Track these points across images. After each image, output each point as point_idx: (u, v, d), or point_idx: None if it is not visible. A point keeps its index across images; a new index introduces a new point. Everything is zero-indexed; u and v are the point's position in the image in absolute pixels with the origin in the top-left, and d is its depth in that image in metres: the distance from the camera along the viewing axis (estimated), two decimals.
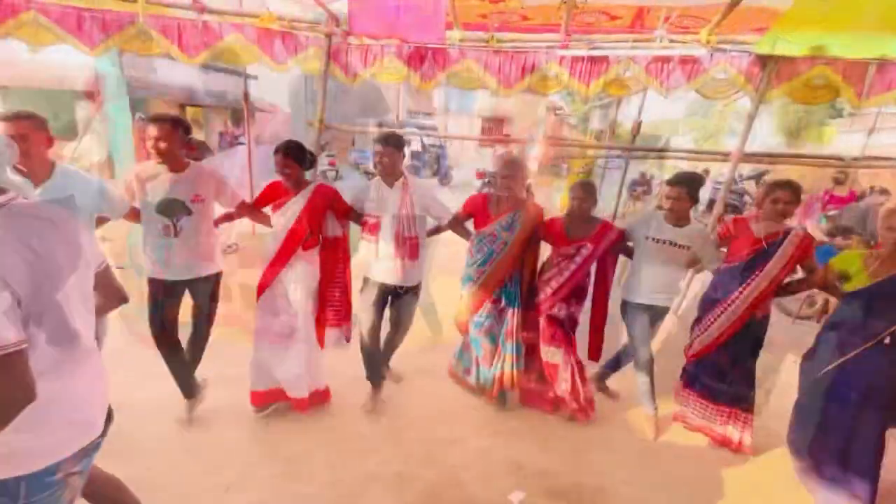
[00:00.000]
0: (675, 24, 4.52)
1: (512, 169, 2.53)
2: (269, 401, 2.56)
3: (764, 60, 3.85)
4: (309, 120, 5.03)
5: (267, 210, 2.56)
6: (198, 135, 20.33)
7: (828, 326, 2.13)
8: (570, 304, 2.64)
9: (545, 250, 2.81)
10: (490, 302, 2.66)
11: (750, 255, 2.30)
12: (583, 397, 2.66)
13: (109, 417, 1.28)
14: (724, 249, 2.49)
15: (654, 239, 2.49)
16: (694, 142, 32.80)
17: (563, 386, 2.62)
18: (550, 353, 2.65)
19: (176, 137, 2.20)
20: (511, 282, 2.65)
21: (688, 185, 2.42)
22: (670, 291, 2.63)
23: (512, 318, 2.65)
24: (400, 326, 2.76)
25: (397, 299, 2.65)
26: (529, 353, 2.75)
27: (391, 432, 2.49)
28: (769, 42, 3.57)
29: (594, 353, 2.78)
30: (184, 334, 2.48)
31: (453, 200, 3.01)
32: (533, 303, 2.69)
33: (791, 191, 2.25)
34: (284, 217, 2.44)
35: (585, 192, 2.55)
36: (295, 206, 2.43)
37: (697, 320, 2.50)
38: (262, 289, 2.47)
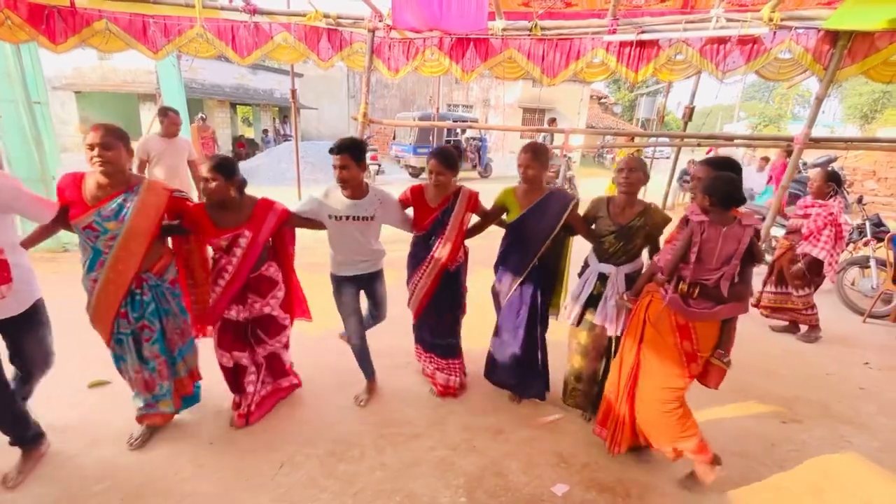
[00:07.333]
0: (732, 3, 4.25)
1: (450, 161, 2.46)
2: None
3: (835, 37, 3.55)
4: (353, 115, 5.14)
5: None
6: (247, 132, 21.29)
7: (502, 252, 2.60)
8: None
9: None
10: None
11: (430, 224, 2.51)
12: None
13: None
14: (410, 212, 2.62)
15: (335, 217, 2.39)
16: (753, 128, 30.71)
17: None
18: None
19: None
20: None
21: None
22: (370, 257, 2.54)
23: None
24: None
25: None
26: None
27: (436, 419, 2.55)
28: (842, 16, 3.28)
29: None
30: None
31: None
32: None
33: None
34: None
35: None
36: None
37: (408, 278, 2.67)
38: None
